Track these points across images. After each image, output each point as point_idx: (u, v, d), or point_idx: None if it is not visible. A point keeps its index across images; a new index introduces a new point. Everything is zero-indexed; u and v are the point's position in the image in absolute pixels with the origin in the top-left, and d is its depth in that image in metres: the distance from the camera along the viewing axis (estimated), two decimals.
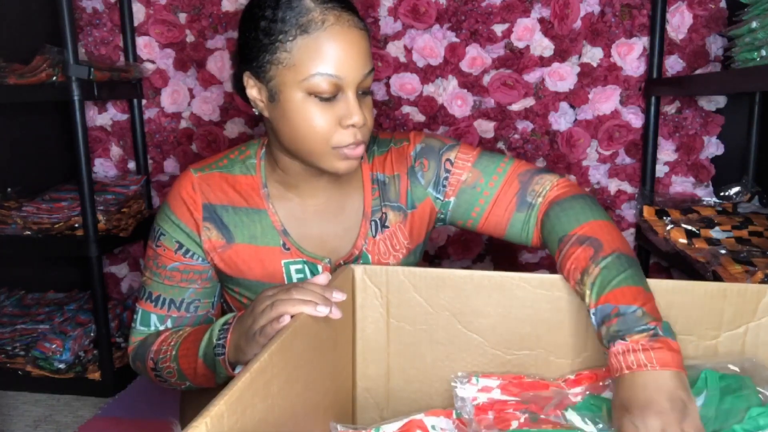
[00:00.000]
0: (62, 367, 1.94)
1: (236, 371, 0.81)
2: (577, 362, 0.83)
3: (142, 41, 2.09)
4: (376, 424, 0.77)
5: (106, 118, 2.18)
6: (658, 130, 1.86)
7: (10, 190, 2.05)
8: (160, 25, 2.06)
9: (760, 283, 1.14)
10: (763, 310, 0.78)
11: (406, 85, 1.95)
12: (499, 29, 1.90)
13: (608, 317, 0.73)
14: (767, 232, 1.55)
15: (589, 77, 1.88)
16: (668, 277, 1.96)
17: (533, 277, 0.83)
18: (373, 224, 0.98)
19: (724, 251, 1.42)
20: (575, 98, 1.90)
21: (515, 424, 0.72)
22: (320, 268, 0.95)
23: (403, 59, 1.94)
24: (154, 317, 0.96)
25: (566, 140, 1.92)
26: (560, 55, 1.88)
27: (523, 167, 0.96)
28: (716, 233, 1.56)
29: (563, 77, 1.89)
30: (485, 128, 1.95)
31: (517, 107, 1.93)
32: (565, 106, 1.92)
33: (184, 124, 2.13)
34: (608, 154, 1.94)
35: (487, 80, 1.92)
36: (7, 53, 1.91)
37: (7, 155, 2.09)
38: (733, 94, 1.84)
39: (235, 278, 0.96)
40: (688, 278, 1.37)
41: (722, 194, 1.83)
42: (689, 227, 1.59)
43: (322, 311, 0.71)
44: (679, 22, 1.82)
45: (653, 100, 1.83)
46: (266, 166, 0.96)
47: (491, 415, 0.74)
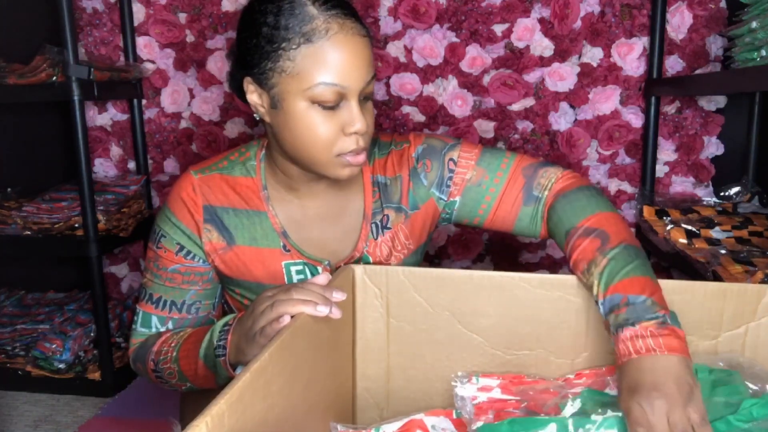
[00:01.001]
0: (62, 367, 1.94)
1: (237, 372, 0.81)
2: (577, 362, 0.83)
3: (142, 41, 2.09)
4: (376, 424, 0.77)
5: (106, 118, 2.18)
6: (658, 130, 1.86)
7: (10, 190, 2.05)
8: (160, 25, 2.06)
9: (760, 283, 1.14)
10: (763, 310, 0.78)
11: (406, 85, 1.95)
12: (499, 29, 1.90)
13: (617, 306, 0.74)
14: (767, 232, 1.55)
15: (589, 77, 1.88)
16: (668, 277, 1.96)
17: (533, 277, 0.83)
18: (373, 226, 0.98)
19: (724, 251, 1.42)
20: (575, 98, 1.90)
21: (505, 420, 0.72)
22: (320, 270, 0.95)
23: (403, 59, 1.95)
24: (155, 319, 0.96)
25: (566, 140, 1.92)
26: (560, 55, 1.88)
27: (526, 161, 0.96)
28: (716, 233, 1.56)
29: (563, 77, 1.89)
30: (485, 128, 1.95)
31: (517, 107, 1.93)
32: (565, 106, 1.92)
33: (184, 124, 2.13)
34: (608, 154, 1.94)
35: (487, 80, 1.92)
36: (7, 53, 1.91)
37: (7, 155, 2.09)
38: (733, 94, 1.84)
39: (235, 279, 0.96)
40: (688, 278, 1.37)
41: (722, 194, 1.84)
42: (689, 227, 1.59)
43: (322, 311, 0.71)
44: (679, 22, 1.82)
45: (653, 100, 1.83)
46: (266, 168, 0.96)
47: (491, 414, 0.74)
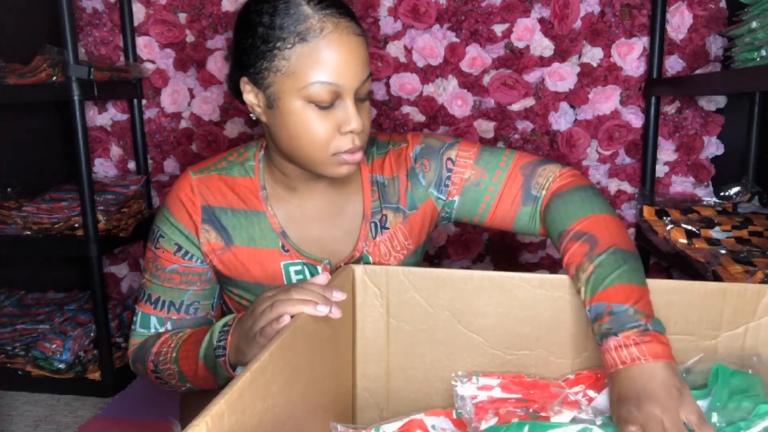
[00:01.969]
0: (62, 367, 1.94)
1: (236, 372, 0.81)
2: (577, 362, 0.83)
3: (142, 41, 2.09)
4: (376, 424, 0.77)
5: (106, 118, 2.18)
6: (658, 130, 1.86)
7: (10, 190, 2.05)
8: (160, 25, 2.06)
9: (760, 283, 1.14)
10: (763, 310, 0.78)
11: (406, 85, 1.95)
12: (499, 29, 1.90)
13: (601, 315, 0.75)
14: (767, 232, 1.55)
15: (589, 77, 1.88)
16: (668, 277, 1.96)
17: (533, 277, 0.83)
18: (373, 226, 0.98)
19: (724, 251, 1.42)
20: (575, 98, 1.90)
21: (515, 421, 0.72)
22: (320, 269, 0.95)
23: (403, 59, 1.94)
24: (153, 319, 0.95)
25: (566, 140, 1.92)
26: (560, 55, 1.88)
27: (524, 159, 0.96)
28: (716, 233, 1.56)
29: (563, 77, 1.89)
30: (485, 128, 1.95)
31: (517, 107, 1.93)
32: (565, 106, 1.92)
33: (184, 124, 2.13)
34: (608, 154, 1.94)
35: (487, 80, 1.92)
36: (7, 53, 1.91)
37: (7, 155, 2.10)
38: (733, 94, 1.84)
39: (234, 280, 0.96)
40: (688, 278, 1.37)
41: (722, 194, 1.83)
42: (689, 227, 1.59)
43: (322, 311, 0.71)
44: (679, 22, 1.82)
45: (653, 100, 1.83)
46: (264, 168, 0.96)
47: (491, 413, 0.74)
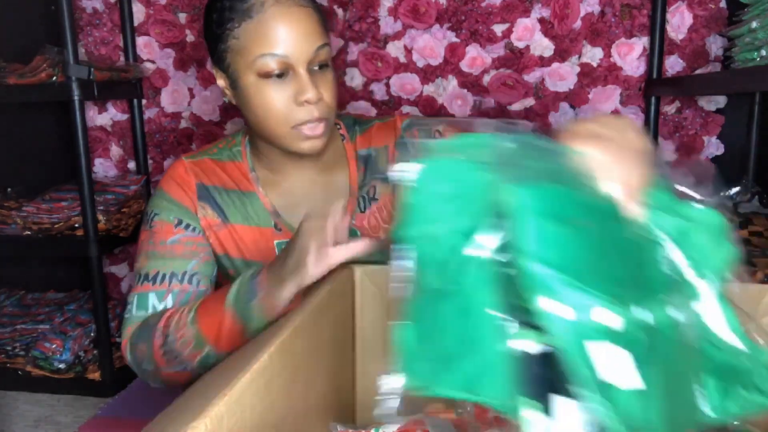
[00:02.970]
0: (62, 367, 1.94)
1: (251, 323, 0.79)
2: None
3: (142, 41, 2.09)
4: (376, 424, 0.77)
5: (106, 118, 2.18)
6: (658, 130, 1.86)
7: (10, 190, 2.04)
8: (160, 25, 2.06)
9: (760, 283, 1.14)
10: (763, 310, 0.78)
11: (406, 85, 1.95)
12: (499, 29, 1.90)
13: None
14: (767, 232, 1.55)
15: (589, 77, 1.88)
16: None
17: None
18: (360, 200, 0.99)
19: None
20: (575, 98, 1.90)
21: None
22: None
23: (403, 59, 1.94)
24: (152, 296, 0.89)
25: None
26: (560, 55, 1.88)
27: None
28: None
29: (563, 77, 1.89)
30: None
31: (517, 107, 1.93)
32: (565, 106, 1.92)
33: (184, 124, 2.13)
34: None
35: (487, 80, 1.92)
36: (7, 53, 1.91)
37: (7, 155, 2.09)
38: (733, 94, 1.83)
39: (230, 258, 0.96)
40: None
41: (722, 194, 1.83)
42: None
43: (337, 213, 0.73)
44: (679, 22, 1.82)
45: (653, 100, 1.83)
46: (251, 152, 0.99)
47: (491, 413, 0.74)
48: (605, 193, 0.48)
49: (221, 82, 0.92)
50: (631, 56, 1.85)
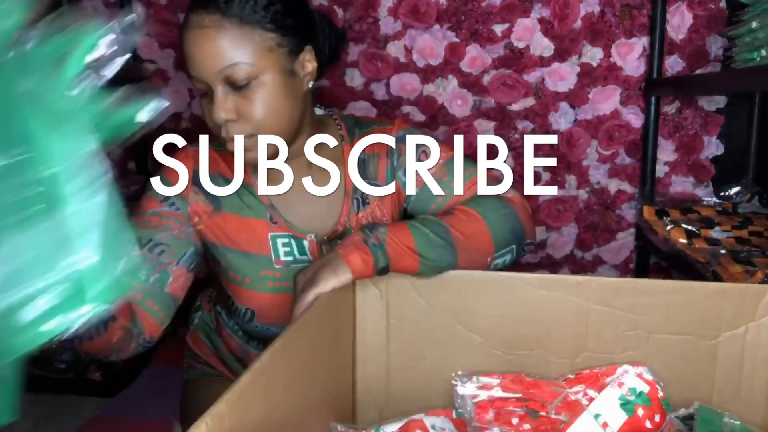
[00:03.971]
0: (62, 366, 1.94)
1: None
2: (577, 362, 0.83)
3: (142, 41, 2.09)
4: (376, 424, 0.77)
5: None
6: (658, 130, 1.86)
7: None
8: (160, 25, 2.06)
9: (760, 283, 1.14)
10: (763, 310, 0.78)
11: (406, 85, 1.95)
12: (499, 29, 1.90)
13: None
14: (767, 232, 1.55)
15: (589, 77, 1.88)
16: (668, 277, 1.96)
17: (533, 277, 0.83)
18: (355, 202, 1.00)
19: (724, 251, 1.42)
20: (575, 98, 1.90)
21: (515, 421, 0.72)
22: (306, 243, 0.97)
23: (403, 59, 1.95)
24: None
25: (566, 140, 1.92)
26: (560, 55, 1.88)
27: (479, 189, 0.95)
28: (716, 233, 1.56)
29: (563, 77, 1.89)
30: (485, 128, 1.95)
31: (517, 107, 1.93)
32: (565, 106, 1.92)
33: (184, 124, 2.13)
34: (608, 154, 1.94)
35: (487, 80, 1.92)
36: None
37: None
38: (733, 94, 1.84)
39: (222, 248, 0.96)
40: (688, 278, 1.37)
41: (722, 194, 1.83)
42: (689, 227, 1.59)
43: None
44: (679, 22, 1.82)
45: (653, 100, 1.83)
46: None
47: (491, 413, 0.74)
48: None
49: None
50: (631, 56, 1.86)
